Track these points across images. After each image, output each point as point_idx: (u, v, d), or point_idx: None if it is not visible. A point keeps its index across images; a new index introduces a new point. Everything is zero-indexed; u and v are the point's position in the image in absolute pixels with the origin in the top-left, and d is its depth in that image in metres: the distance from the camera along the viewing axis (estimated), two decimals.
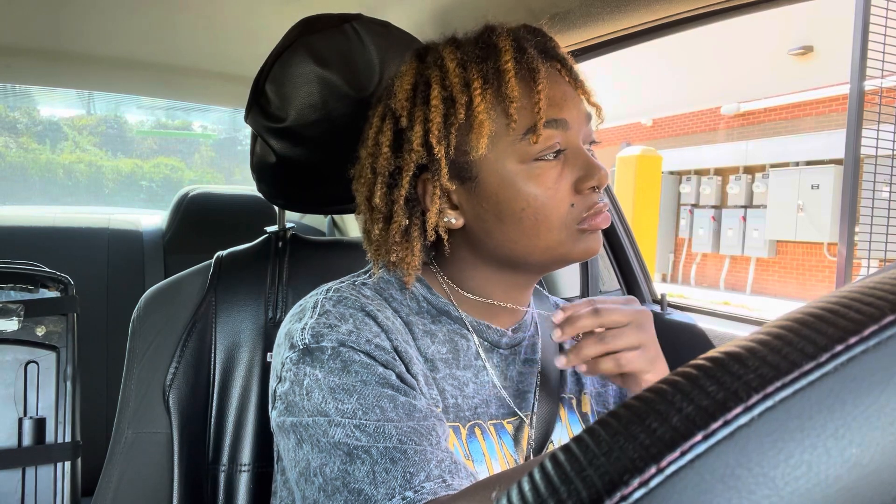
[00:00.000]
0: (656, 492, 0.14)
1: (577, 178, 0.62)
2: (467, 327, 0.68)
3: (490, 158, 0.62)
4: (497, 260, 0.67)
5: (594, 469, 0.14)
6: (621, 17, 1.03)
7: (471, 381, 0.67)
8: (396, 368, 0.59)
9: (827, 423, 0.15)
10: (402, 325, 0.65)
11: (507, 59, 0.61)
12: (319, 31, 0.83)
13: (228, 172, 7.65)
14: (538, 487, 0.15)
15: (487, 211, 0.64)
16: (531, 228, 0.62)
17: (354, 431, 0.53)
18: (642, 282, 1.45)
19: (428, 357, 0.66)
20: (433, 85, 0.63)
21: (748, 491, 0.14)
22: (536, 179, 0.61)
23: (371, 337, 0.59)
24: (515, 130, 0.61)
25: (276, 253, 0.93)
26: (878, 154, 3.82)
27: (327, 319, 0.60)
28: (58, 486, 1.11)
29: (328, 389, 0.56)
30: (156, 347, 0.85)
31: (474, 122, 0.60)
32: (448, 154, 0.62)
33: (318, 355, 0.58)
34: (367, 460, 0.51)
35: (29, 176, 7.31)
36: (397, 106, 0.64)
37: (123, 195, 7.56)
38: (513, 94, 0.60)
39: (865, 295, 0.16)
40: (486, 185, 0.63)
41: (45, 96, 5.44)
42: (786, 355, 0.15)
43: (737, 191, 9.57)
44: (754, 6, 0.94)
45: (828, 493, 0.14)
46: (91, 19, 1.36)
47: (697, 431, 0.14)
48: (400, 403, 0.56)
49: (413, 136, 0.63)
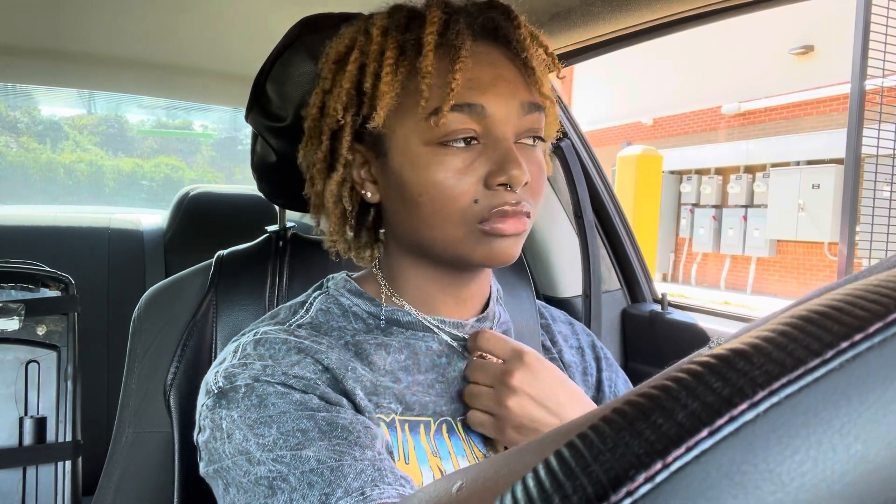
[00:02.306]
0: (662, 488, 0.14)
1: (488, 171, 0.57)
2: (419, 329, 0.66)
3: (399, 134, 0.59)
4: (409, 247, 0.65)
5: (599, 465, 0.14)
6: (622, 17, 1.03)
7: (436, 381, 0.65)
8: (318, 391, 0.57)
9: (833, 419, 0.15)
10: (342, 347, 0.63)
11: (430, 31, 0.57)
12: (320, 30, 0.83)
13: (229, 172, 7.66)
14: (543, 483, 0.15)
15: (394, 189, 0.61)
16: (428, 217, 0.59)
17: (274, 465, 0.51)
18: (643, 281, 1.45)
19: (386, 369, 0.63)
20: (354, 50, 0.61)
21: (754, 487, 0.14)
22: (439, 166, 0.57)
23: (287, 368, 0.57)
24: (424, 109, 0.56)
25: (276, 252, 0.93)
26: (878, 153, 3.82)
27: (244, 360, 0.58)
28: (58, 486, 1.11)
29: (247, 427, 0.54)
30: (156, 347, 0.85)
31: (378, 94, 0.58)
32: (355, 123, 0.61)
33: (232, 395, 0.56)
34: (287, 489, 0.50)
35: (29, 175, 7.32)
36: (325, 69, 0.64)
37: (124, 194, 7.57)
38: (426, 69, 0.56)
39: (870, 292, 0.16)
40: (393, 162, 0.60)
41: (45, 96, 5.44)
42: (791, 352, 0.15)
43: (737, 190, 9.57)
44: (755, 5, 0.93)
45: (834, 489, 0.14)
46: (92, 19, 1.36)
47: (703, 427, 0.14)
48: (320, 420, 0.54)
49: (330, 100, 0.62)
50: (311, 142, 0.66)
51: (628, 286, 1.46)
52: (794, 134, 8.86)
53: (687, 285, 10.19)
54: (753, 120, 9.56)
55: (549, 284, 1.35)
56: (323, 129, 0.63)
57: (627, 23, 1.05)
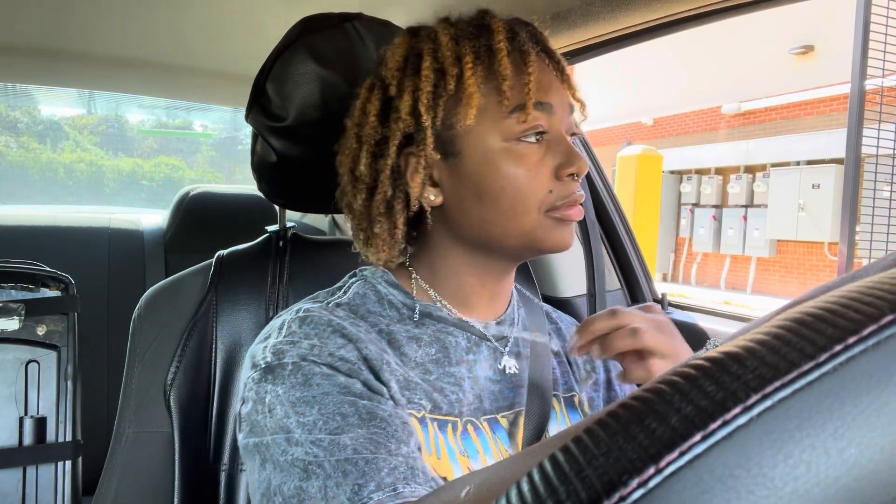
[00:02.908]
0: (655, 492, 0.14)
1: (558, 164, 0.63)
2: (450, 324, 0.68)
3: (475, 134, 0.63)
4: (472, 243, 0.67)
5: (593, 469, 0.14)
6: (622, 17, 1.03)
7: (465, 376, 0.67)
8: (361, 377, 0.58)
9: (826, 423, 0.14)
10: (377, 336, 0.65)
11: (499, 38, 0.62)
12: (320, 30, 0.83)
13: (229, 172, 7.66)
14: (537, 488, 0.15)
15: (467, 188, 0.64)
16: (508, 209, 0.62)
17: (311, 447, 0.52)
18: (643, 281, 1.45)
19: (417, 361, 0.65)
20: (425, 57, 0.63)
21: (747, 491, 0.14)
22: (518, 159, 0.62)
23: (334, 350, 0.59)
24: (504, 107, 0.61)
25: (276, 252, 0.93)
26: (878, 153, 3.82)
27: (291, 338, 0.60)
28: (58, 486, 1.11)
29: (290, 404, 0.55)
30: (157, 347, 0.85)
31: (464, 94, 0.61)
32: (435, 124, 0.63)
33: (279, 372, 0.58)
34: (321, 475, 0.51)
35: (30, 175, 7.32)
36: (387, 74, 0.65)
37: (124, 194, 7.57)
38: (504, 71, 0.61)
39: (865, 294, 0.16)
40: (469, 161, 0.63)
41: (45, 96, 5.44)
42: (784, 355, 0.15)
43: (738, 190, 9.56)
44: (755, 5, 0.93)
45: (827, 494, 0.14)
46: (92, 19, 1.36)
47: (696, 432, 0.14)
48: (361, 407, 0.55)
49: (401, 104, 0.63)
50: (365, 149, 0.66)
51: (628, 286, 1.46)
52: (794, 134, 8.86)
53: (687, 285, 10.18)
54: (753, 120, 9.55)
55: (549, 285, 1.35)
56: (390, 135, 0.64)
57: (627, 23, 1.05)
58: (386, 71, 0.65)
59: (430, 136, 0.63)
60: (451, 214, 0.66)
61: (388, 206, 0.66)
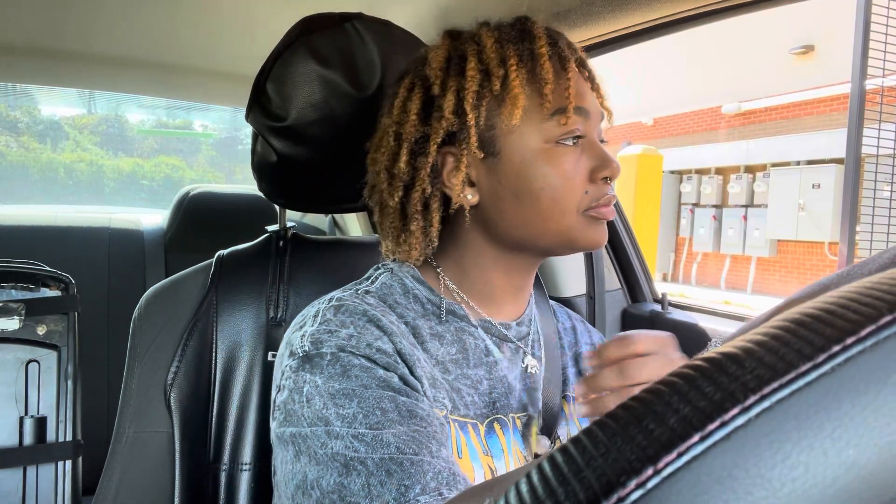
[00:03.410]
0: (653, 493, 0.14)
1: (593, 167, 0.65)
2: (473, 324, 0.69)
3: (516, 134, 0.64)
4: (505, 242, 0.68)
5: (591, 471, 0.14)
6: (622, 16, 1.03)
7: (484, 377, 0.67)
8: (398, 371, 0.58)
9: (824, 424, 0.14)
10: (406, 329, 0.65)
11: (542, 43, 0.65)
12: (320, 29, 0.83)
13: (229, 172, 7.66)
14: (536, 490, 0.15)
15: (506, 189, 0.65)
16: (547, 210, 0.64)
17: (353, 442, 0.52)
18: (643, 281, 1.45)
19: (438, 359, 0.66)
20: (469, 58, 0.65)
21: (745, 492, 0.14)
22: (557, 161, 0.64)
23: (372, 341, 0.59)
24: (545, 110, 0.63)
25: (276, 252, 0.93)
26: (879, 153, 3.82)
27: (327, 326, 0.60)
28: (59, 485, 1.11)
29: (328, 395, 0.55)
30: (157, 346, 0.85)
31: (508, 95, 0.63)
32: (478, 123, 0.64)
33: (317, 361, 0.58)
34: (363, 472, 0.51)
35: (30, 175, 7.31)
36: (431, 74, 0.66)
37: (124, 194, 7.57)
38: (547, 75, 0.63)
39: (863, 295, 0.16)
40: (509, 161, 0.64)
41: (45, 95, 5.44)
42: (783, 356, 0.15)
43: (738, 190, 9.56)
44: (755, 5, 0.93)
45: (825, 495, 0.14)
46: (92, 19, 1.36)
47: (694, 433, 0.14)
48: (401, 404, 0.55)
49: (445, 103, 0.64)
50: (405, 147, 0.66)
51: (628, 286, 1.46)
52: (795, 134, 8.85)
53: (687, 285, 10.18)
54: (754, 120, 9.55)
55: (551, 284, 1.35)
56: (432, 133, 0.65)
57: (627, 22, 1.05)
58: (429, 70, 0.66)
59: (474, 135, 0.64)
60: (487, 214, 0.67)
61: (425, 204, 0.67)
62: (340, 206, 0.91)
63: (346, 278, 0.93)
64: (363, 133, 0.83)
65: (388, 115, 0.69)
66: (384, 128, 0.69)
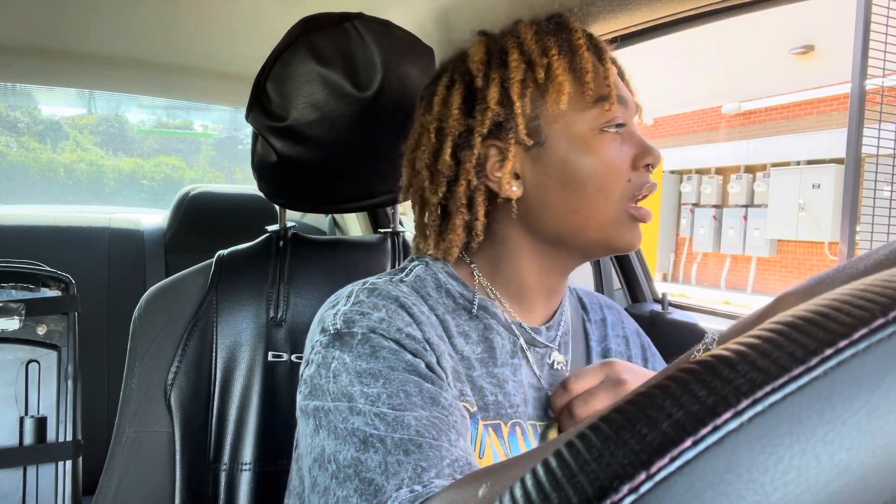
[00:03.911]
0: (646, 498, 0.14)
1: (635, 154, 0.66)
2: (502, 323, 0.69)
3: (562, 122, 0.65)
4: (545, 236, 0.68)
5: (585, 475, 0.14)
6: (622, 16, 1.03)
7: (509, 378, 0.67)
8: (426, 358, 0.59)
9: (816, 427, 0.14)
10: (436, 321, 0.65)
11: (578, 35, 0.66)
12: (320, 29, 0.83)
13: (229, 171, 7.66)
14: (529, 494, 0.15)
15: (552, 178, 0.65)
16: (593, 196, 0.64)
17: (374, 420, 0.52)
18: (643, 281, 1.45)
19: (464, 355, 0.66)
20: (511, 50, 0.66)
21: (738, 497, 0.14)
22: (603, 148, 0.64)
23: (402, 326, 0.60)
24: (587, 98, 0.64)
25: (277, 252, 0.93)
26: (879, 153, 3.82)
27: (360, 308, 0.61)
28: (59, 485, 1.12)
29: (355, 373, 0.56)
30: (157, 346, 0.85)
31: (553, 83, 0.64)
32: (524, 112, 0.64)
33: (347, 340, 0.58)
34: (381, 449, 0.51)
35: (30, 175, 7.31)
36: (473, 67, 0.67)
37: (124, 194, 7.57)
38: (586, 65, 0.64)
39: (856, 297, 0.16)
40: (555, 149, 0.65)
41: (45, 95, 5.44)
42: (776, 359, 0.15)
43: (738, 190, 9.56)
44: (755, 5, 0.93)
45: (818, 499, 0.14)
46: (92, 18, 1.36)
47: (687, 437, 0.14)
48: (425, 390, 0.55)
49: (489, 94, 0.65)
50: (449, 141, 0.67)
51: (629, 286, 1.46)
52: (795, 134, 8.85)
53: (687, 285, 10.18)
54: (754, 120, 9.55)
55: None
56: (476, 126, 0.65)
57: (627, 22, 1.05)
58: (471, 64, 0.67)
59: (522, 123, 0.64)
60: (530, 205, 0.67)
61: (470, 199, 0.67)
62: (340, 206, 0.91)
63: (346, 278, 0.93)
64: (363, 133, 0.83)
65: (427, 113, 0.69)
66: (423, 126, 0.70)
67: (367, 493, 0.49)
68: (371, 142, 0.84)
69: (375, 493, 0.49)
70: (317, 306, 0.91)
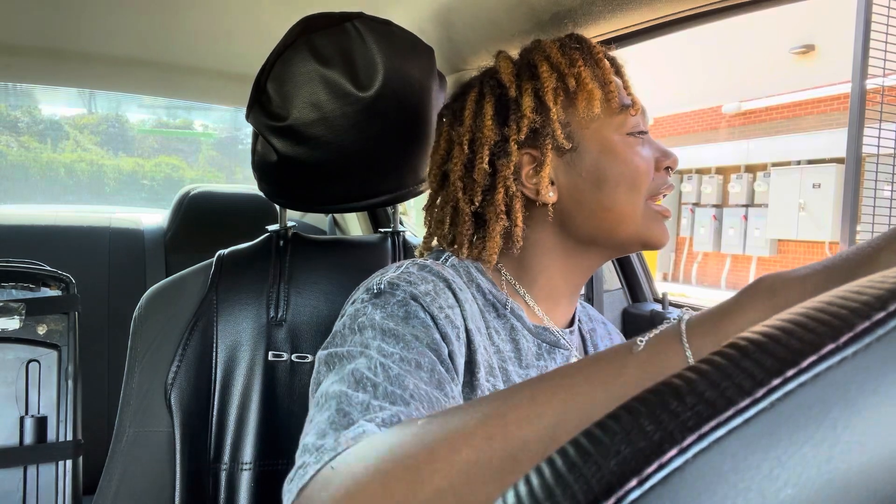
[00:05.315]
0: None
1: (657, 157, 0.71)
2: (528, 326, 0.70)
3: (593, 127, 0.69)
4: (578, 237, 0.70)
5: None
6: (622, 16, 1.03)
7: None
8: (452, 346, 0.59)
9: (761, 463, 0.14)
10: (478, 311, 0.67)
11: (598, 50, 0.72)
12: (321, 29, 0.83)
13: (229, 171, 7.65)
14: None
15: (585, 180, 0.68)
16: (626, 194, 0.67)
17: (377, 368, 0.52)
18: (643, 281, 1.45)
19: (499, 349, 0.68)
20: (539, 63, 0.69)
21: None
22: (633, 150, 0.69)
23: (444, 305, 0.61)
24: (613, 105, 0.69)
25: (277, 251, 0.93)
26: (879, 153, 3.82)
27: (409, 277, 0.62)
28: (59, 485, 1.12)
29: (380, 330, 0.57)
30: (157, 346, 0.85)
31: (584, 90, 0.68)
32: (559, 118, 0.68)
33: (387, 297, 0.60)
34: (371, 392, 0.50)
35: (30, 175, 7.31)
36: (505, 79, 0.70)
37: (125, 194, 7.56)
38: (608, 76, 0.70)
39: (810, 318, 0.16)
40: (588, 153, 0.68)
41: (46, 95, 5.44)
42: (723, 391, 0.15)
43: (738, 190, 9.56)
44: (755, 4, 0.93)
45: None
46: (92, 18, 1.36)
47: (632, 477, 0.14)
48: (437, 371, 0.55)
49: (524, 102, 0.68)
50: (485, 151, 0.69)
51: (629, 286, 1.46)
52: (795, 133, 8.85)
53: (687, 285, 10.18)
54: (754, 119, 9.55)
55: None
56: (510, 135, 0.68)
57: (627, 22, 1.05)
58: (503, 76, 0.70)
59: (559, 128, 0.67)
60: (565, 207, 0.69)
61: (507, 206, 0.69)
62: (340, 205, 0.91)
63: (347, 278, 0.93)
64: (363, 133, 0.83)
65: (458, 126, 0.72)
66: (452, 138, 0.72)
67: (340, 424, 0.48)
68: (371, 141, 0.84)
69: (347, 425, 0.47)
70: (317, 306, 0.91)
